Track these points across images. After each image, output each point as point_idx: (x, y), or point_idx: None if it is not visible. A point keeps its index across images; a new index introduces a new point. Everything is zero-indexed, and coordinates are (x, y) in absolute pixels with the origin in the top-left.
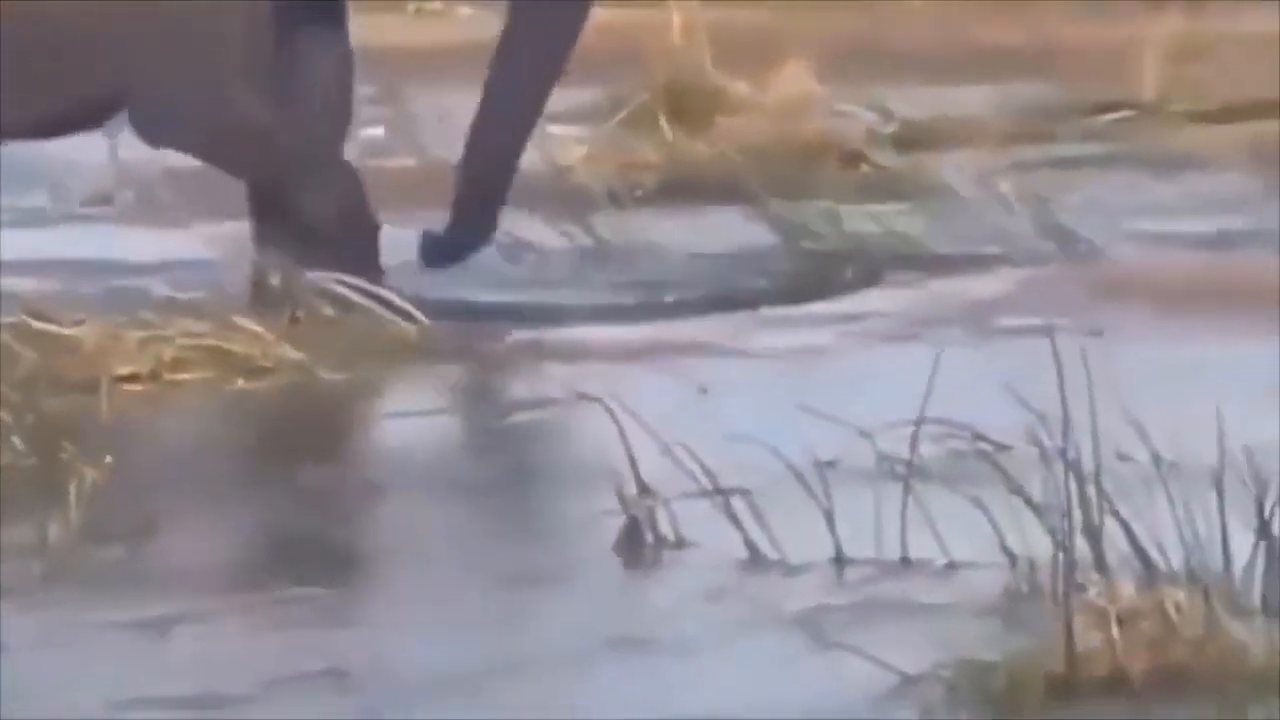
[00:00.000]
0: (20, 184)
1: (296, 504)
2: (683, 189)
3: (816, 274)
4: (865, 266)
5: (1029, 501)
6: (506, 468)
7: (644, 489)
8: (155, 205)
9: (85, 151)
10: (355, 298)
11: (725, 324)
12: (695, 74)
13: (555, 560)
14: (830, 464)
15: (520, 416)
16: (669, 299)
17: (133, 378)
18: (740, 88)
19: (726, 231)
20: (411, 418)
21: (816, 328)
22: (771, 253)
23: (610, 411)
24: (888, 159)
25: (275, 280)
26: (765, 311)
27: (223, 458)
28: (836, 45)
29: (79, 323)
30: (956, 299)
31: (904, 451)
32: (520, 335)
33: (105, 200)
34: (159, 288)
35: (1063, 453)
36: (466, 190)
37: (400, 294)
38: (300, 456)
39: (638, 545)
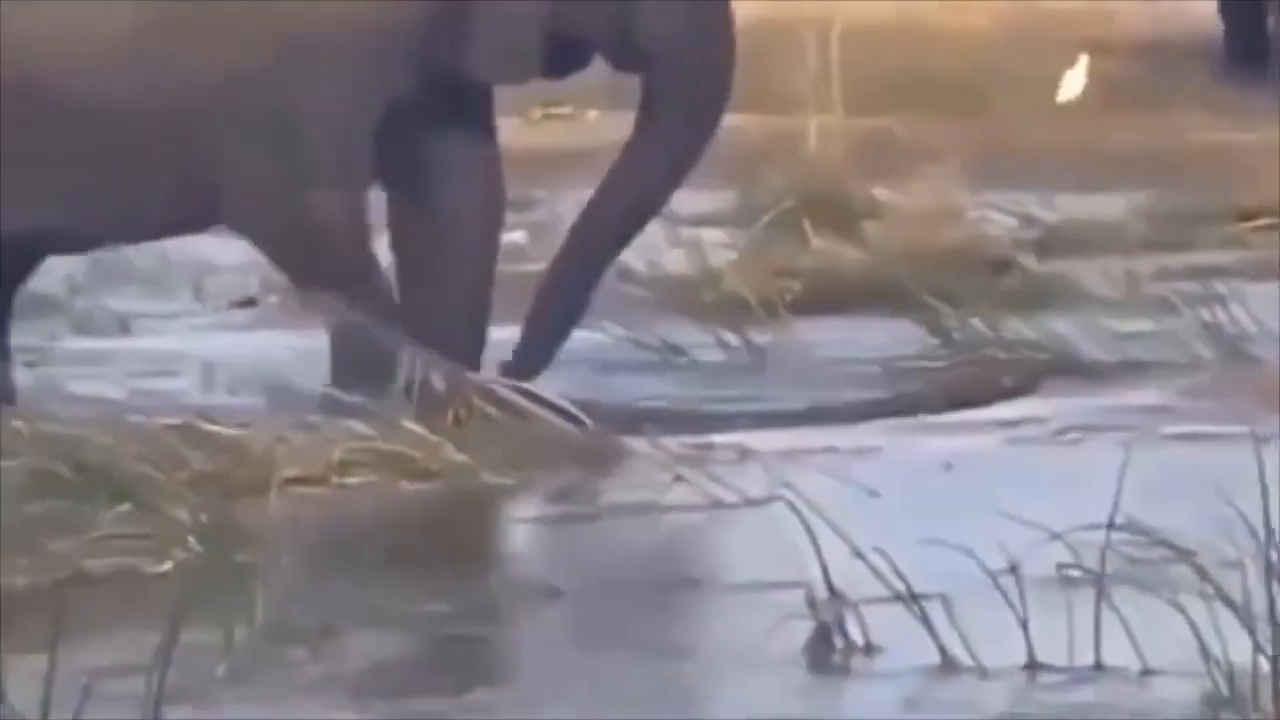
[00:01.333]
0: (161, 286)
1: (467, 606)
2: (832, 294)
3: (975, 380)
4: (1024, 373)
5: (1230, 604)
6: (678, 571)
7: (833, 593)
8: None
9: (224, 252)
10: (519, 400)
11: (888, 429)
12: (835, 180)
13: (738, 666)
14: (1013, 569)
15: (689, 518)
16: (834, 404)
17: (300, 480)
18: (880, 193)
19: (880, 336)
20: (581, 522)
21: (979, 433)
22: (928, 358)
23: (798, 512)
24: (1033, 264)
25: (438, 382)
26: (927, 418)
27: (393, 559)
28: (974, 151)
29: (244, 425)
30: (1115, 405)
31: (1086, 556)
32: (686, 439)
33: (250, 302)
34: (314, 388)
35: (1266, 556)
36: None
37: (565, 397)
38: (467, 558)
39: (827, 651)
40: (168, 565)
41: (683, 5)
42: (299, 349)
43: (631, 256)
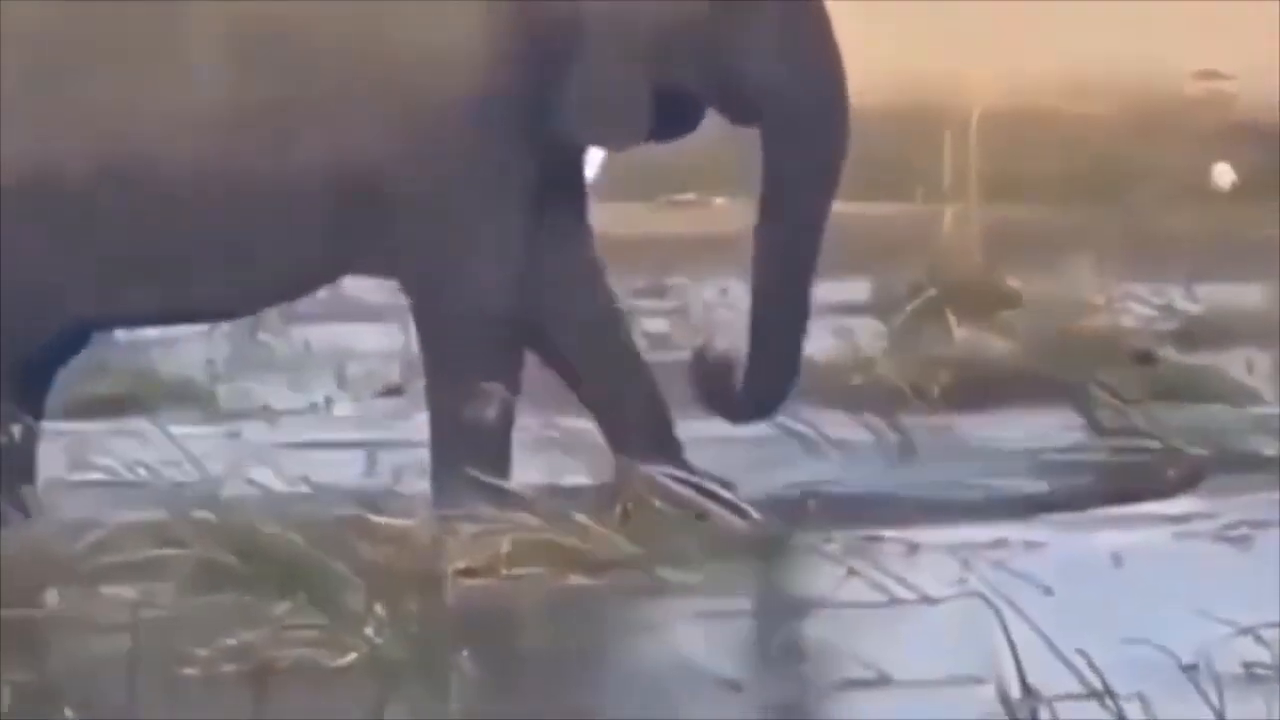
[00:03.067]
0: (302, 375)
1: (644, 700)
2: (981, 383)
3: (1134, 473)
4: (1182, 465)
5: None
6: (857, 665)
7: (1028, 690)
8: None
9: (365, 339)
10: (685, 492)
11: (1052, 523)
12: (973, 268)
13: None
14: (1197, 666)
15: (864, 613)
16: (998, 497)
17: (469, 571)
18: (1016, 282)
19: (1033, 426)
20: (755, 616)
21: (1146, 528)
22: (1084, 450)
23: (994, 607)
24: (1174, 355)
25: (608, 473)
26: (1092, 512)
27: (564, 650)
28: (1110, 240)
29: (411, 515)
30: (1273, 499)
31: (1268, 654)
32: (855, 532)
33: (396, 390)
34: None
35: None
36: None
37: (731, 489)
38: (637, 652)
39: None
40: (351, 657)
41: (790, 50)
42: None
43: None
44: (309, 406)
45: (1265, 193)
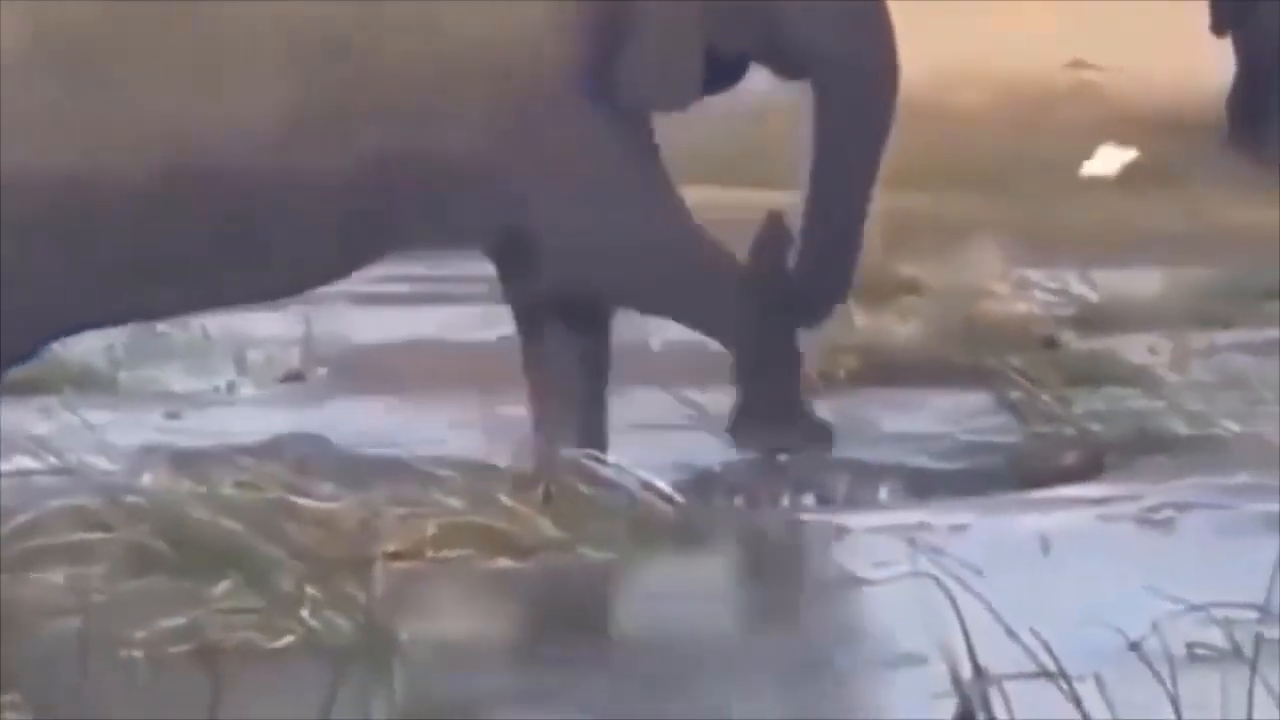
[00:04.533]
0: (203, 361)
1: (592, 685)
2: (886, 368)
3: (1054, 457)
4: (1090, 450)
5: None
6: (804, 650)
7: (979, 671)
8: (351, 380)
9: (264, 325)
10: (611, 475)
11: (974, 506)
12: (869, 255)
13: None
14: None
15: (800, 595)
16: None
17: (396, 555)
18: (911, 269)
19: (943, 410)
20: (688, 600)
21: (1069, 510)
22: (997, 432)
23: (944, 588)
24: (1075, 340)
25: (529, 455)
26: (1015, 495)
27: (509, 635)
28: (1004, 228)
29: (336, 499)
30: (1204, 483)
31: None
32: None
33: (297, 376)
34: (400, 462)
35: None
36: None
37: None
38: (580, 637)
39: None
40: (286, 640)
41: (840, 11)
42: (367, 424)
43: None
44: (212, 391)
45: (1147, 182)
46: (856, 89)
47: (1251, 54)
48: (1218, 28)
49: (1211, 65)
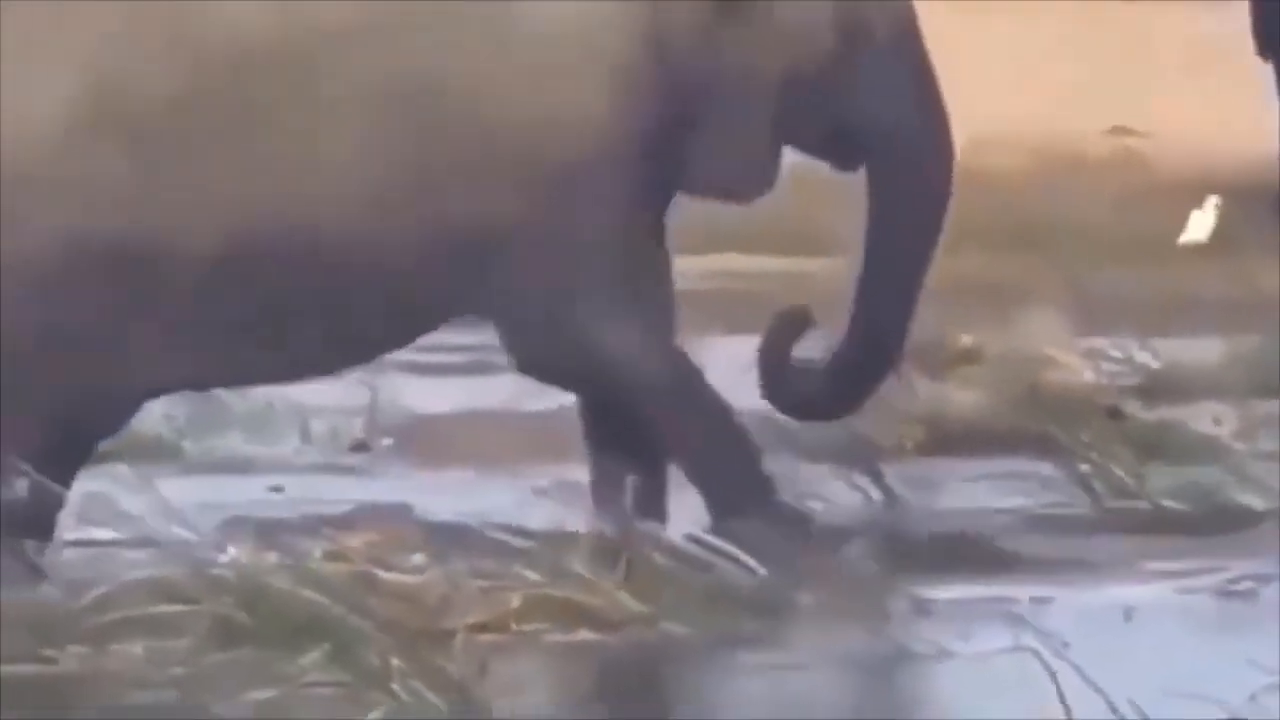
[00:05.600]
0: (268, 429)
1: None
2: (955, 438)
3: (1131, 529)
4: (1168, 520)
5: None
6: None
7: None
8: (415, 451)
9: (326, 397)
10: (690, 548)
11: (1055, 579)
12: (922, 325)
13: None
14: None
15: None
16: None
17: (480, 627)
18: (969, 338)
19: (1017, 483)
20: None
21: (1149, 583)
22: (1068, 505)
23: (1043, 662)
24: (1140, 411)
25: (610, 528)
26: (1095, 568)
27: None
28: (1055, 295)
29: (419, 571)
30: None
31: None
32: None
33: (363, 446)
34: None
35: None
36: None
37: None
38: (662, 709)
39: None
40: (376, 714)
41: (901, 95)
42: (430, 490)
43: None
44: (275, 461)
45: (1196, 249)
46: (917, 175)
47: None
48: (1263, 51)
49: (1255, 130)
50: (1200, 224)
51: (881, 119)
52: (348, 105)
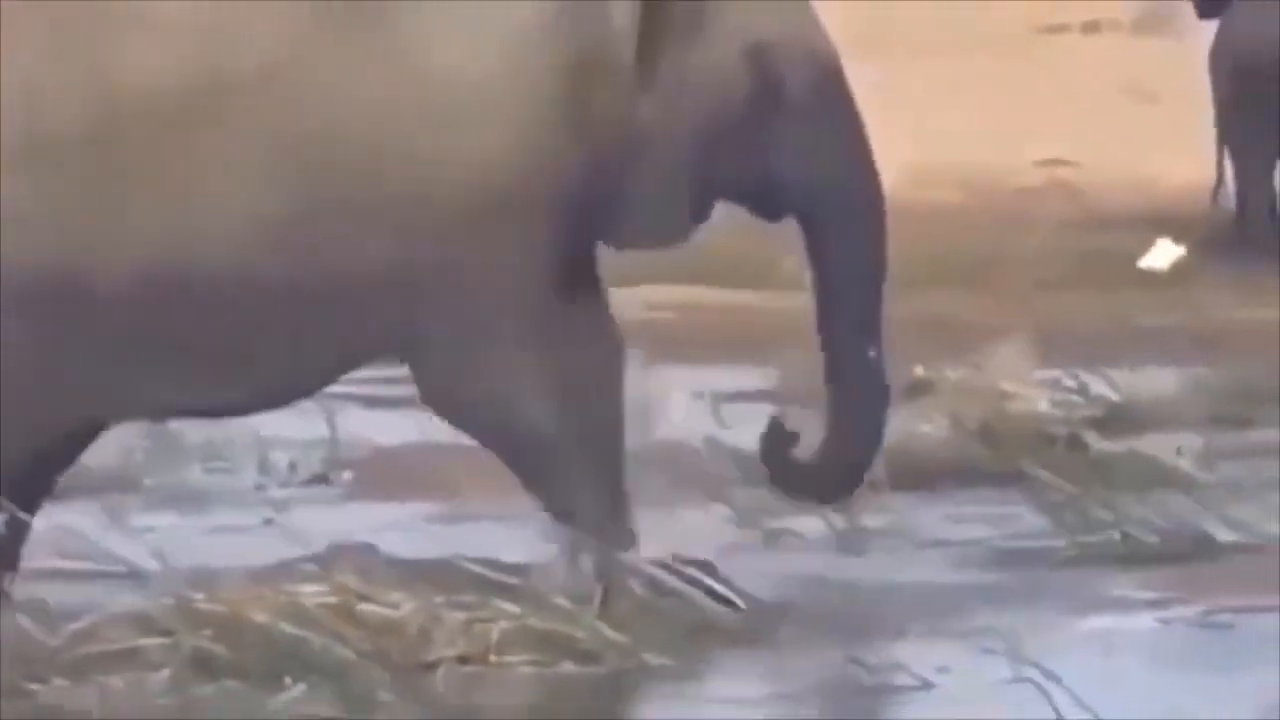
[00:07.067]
0: (227, 461)
1: None
2: (915, 473)
3: (1101, 561)
4: (1144, 553)
5: None
6: None
7: None
8: (376, 482)
9: (285, 427)
10: (671, 581)
11: (1030, 610)
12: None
13: None
14: None
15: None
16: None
17: (461, 659)
18: (921, 370)
19: (982, 515)
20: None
21: (1126, 614)
22: (1038, 537)
23: (1046, 693)
24: (1099, 441)
25: (586, 561)
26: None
27: None
28: (1002, 328)
29: (396, 605)
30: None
31: None
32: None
33: (323, 479)
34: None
35: None
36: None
37: (722, 580)
38: None
39: None
40: None
41: (822, 148)
42: (394, 521)
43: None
44: (237, 494)
45: (1137, 280)
46: (846, 225)
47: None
48: (1204, 14)
49: (1186, 162)
50: (1163, 252)
51: (801, 173)
52: (246, 150)
